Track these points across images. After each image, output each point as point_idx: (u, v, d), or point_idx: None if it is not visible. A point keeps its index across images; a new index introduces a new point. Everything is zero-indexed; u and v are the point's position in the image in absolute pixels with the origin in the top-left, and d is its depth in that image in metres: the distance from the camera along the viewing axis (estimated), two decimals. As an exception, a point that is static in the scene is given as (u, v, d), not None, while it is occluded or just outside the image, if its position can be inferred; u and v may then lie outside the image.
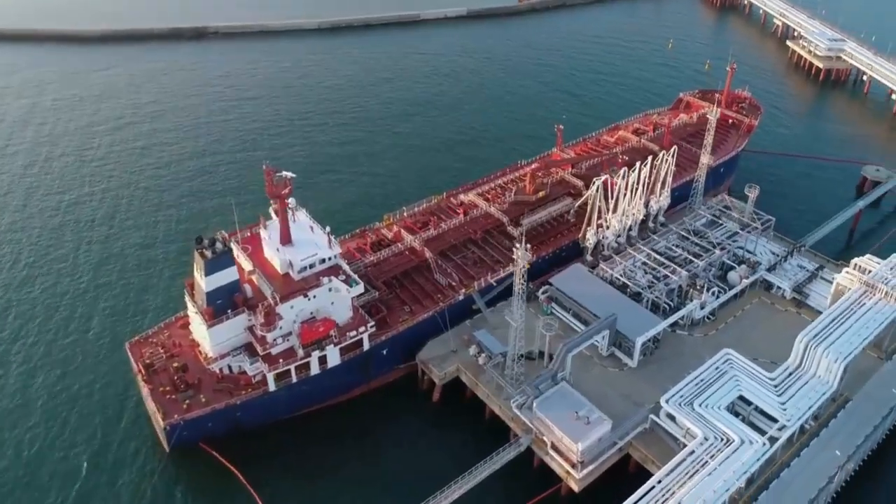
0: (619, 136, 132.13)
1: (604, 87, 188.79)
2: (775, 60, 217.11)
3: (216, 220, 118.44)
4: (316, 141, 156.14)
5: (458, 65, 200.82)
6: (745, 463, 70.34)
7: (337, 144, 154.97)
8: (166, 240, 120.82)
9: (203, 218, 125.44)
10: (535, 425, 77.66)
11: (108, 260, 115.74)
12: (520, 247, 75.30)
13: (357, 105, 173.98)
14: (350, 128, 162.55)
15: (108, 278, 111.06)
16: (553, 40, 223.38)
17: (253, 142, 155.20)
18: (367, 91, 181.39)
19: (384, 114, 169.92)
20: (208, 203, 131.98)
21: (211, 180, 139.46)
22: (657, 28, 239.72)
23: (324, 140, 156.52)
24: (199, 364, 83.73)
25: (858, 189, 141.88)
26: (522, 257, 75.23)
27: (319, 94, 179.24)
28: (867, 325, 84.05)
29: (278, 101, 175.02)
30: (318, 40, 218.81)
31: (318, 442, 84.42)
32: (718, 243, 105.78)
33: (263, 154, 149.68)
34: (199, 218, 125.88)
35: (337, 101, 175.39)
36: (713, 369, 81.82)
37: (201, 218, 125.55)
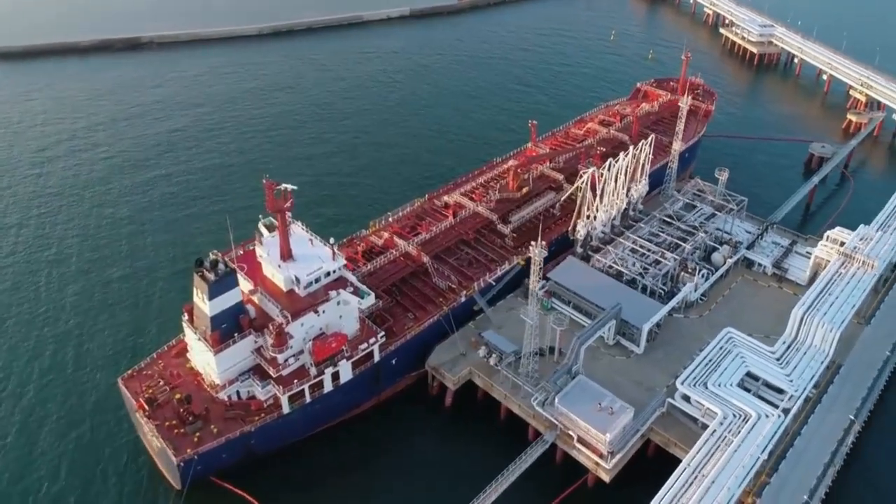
0: (588, 128, 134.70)
1: (558, 80, 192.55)
2: (710, 48, 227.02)
3: (201, 241, 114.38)
4: (278, 149, 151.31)
5: (413, 64, 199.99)
6: (766, 436, 73.29)
7: (301, 152, 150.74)
8: (148, 268, 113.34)
9: (184, 240, 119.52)
10: (559, 421, 78.08)
11: (87, 294, 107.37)
12: (535, 244, 75.38)
13: (315, 110, 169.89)
14: (311, 133, 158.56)
15: (89, 313, 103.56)
16: (500, 36, 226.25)
17: (213, 154, 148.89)
18: (321, 95, 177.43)
19: (345, 117, 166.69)
20: (185, 223, 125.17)
21: (176, 199, 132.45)
22: (594, 21, 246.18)
23: (286, 148, 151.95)
24: (203, 393, 79.45)
25: (806, 165, 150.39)
26: (539, 254, 75.35)
27: (271, 101, 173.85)
28: (852, 293, 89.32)
29: (227, 110, 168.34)
30: (262, 46, 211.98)
31: (335, 462, 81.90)
32: (700, 226, 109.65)
33: (228, 166, 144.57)
34: (179, 241, 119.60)
35: (293, 107, 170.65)
36: (718, 349, 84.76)
37: (181, 240, 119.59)
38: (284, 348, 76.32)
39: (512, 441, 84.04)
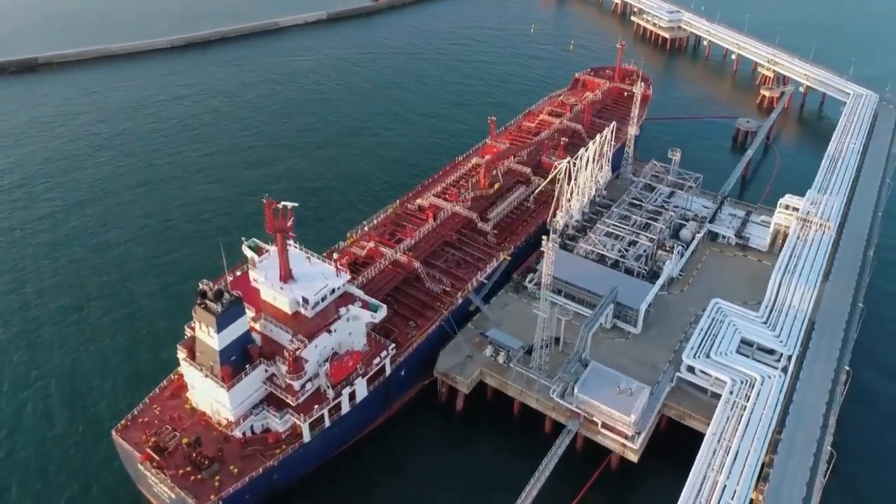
0: (541, 120, 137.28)
1: (493, 75, 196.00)
2: (622, 35, 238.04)
3: (173, 273, 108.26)
4: (219, 166, 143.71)
5: (345, 67, 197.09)
6: (774, 396, 78.09)
7: (248, 165, 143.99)
8: (114, 304, 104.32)
9: (156, 271, 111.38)
10: (581, 409, 79.38)
11: (60, 341, 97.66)
12: (547, 239, 76.02)
13: (254, 122, 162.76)
14: (256, 147, 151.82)
15: (65, 360, 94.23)
16: (425, 35, 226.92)
17: (145, 175, 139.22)
18: (256, 107, 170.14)
19: (285, 126, 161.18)
20: (155, 256, 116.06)
21: (120, 231, 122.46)
22: (509, 17, 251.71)
23: (229, 163, 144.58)
24: (212, 433, 74.24)
25: (734, 140, 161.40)
26: (552, 248, 76.05)
27: (199, 116, 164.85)
28: (818, 253, 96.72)
29: (145, 128, 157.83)
30: (176, 59, 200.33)
31: (358, 484, 79.03)
32: (664, 205, 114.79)
33: (174, 187, 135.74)
34: (148, 274, 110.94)
35: (227, 121, 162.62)
36: (711, 320, 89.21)
37: (151, 273, 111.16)
38: (301, 374, 72.59)
39: (530, 436, 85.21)
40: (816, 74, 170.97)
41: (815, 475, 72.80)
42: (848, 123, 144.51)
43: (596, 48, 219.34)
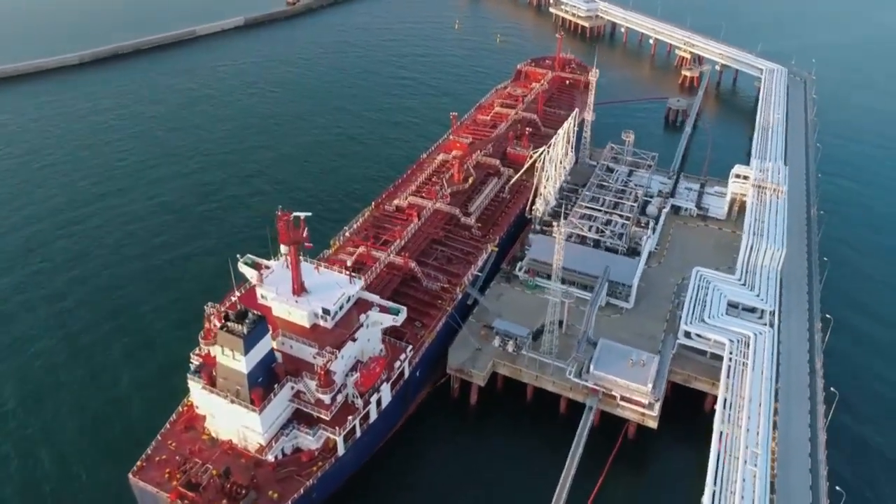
0: (496, 112, 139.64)
1: (430, 70, 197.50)
2: (541, 26, 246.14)
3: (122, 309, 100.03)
4: (171, 183, 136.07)
5: (277, 72, 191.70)
6: (769, 350, 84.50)
7: (197, 181, 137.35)
8: (105, 338, 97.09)
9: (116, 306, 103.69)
10: (599, 385, 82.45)
11: (56, 384, 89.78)
12: (557, 224, 78.15)
13: (190, 137, 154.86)
14: (200, 161, 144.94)
15: (66, 405, 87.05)
16: (352, 34, 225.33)
17: (73, 197, 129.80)
18: (190, 120, 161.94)
19: (226, 136, 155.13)
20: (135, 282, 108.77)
21: (84, 258, 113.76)
22: (427, 13, 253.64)
23: (179, 182, 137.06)
24: (239, 461, 70.90)
25: (666, 119, 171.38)
26: (563, 234, 78.30)
27: (130, 134, 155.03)
28: (777, 215, 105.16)
29: (68, 152, 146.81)
30: (89, 75, 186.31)
31: (392, 492, 78.23)
32: (626, 184, 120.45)
33: (120, 207, 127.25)
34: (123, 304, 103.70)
35: (163, 139, 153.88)
36: (697, 287, 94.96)
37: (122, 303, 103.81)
38: (333, 387, 70.79)
39: (547, 419, 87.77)
40: (729, 53, 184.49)
41: (815, 418, 79.66)
42: (768, 96, 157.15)
43: (521, 40, 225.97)
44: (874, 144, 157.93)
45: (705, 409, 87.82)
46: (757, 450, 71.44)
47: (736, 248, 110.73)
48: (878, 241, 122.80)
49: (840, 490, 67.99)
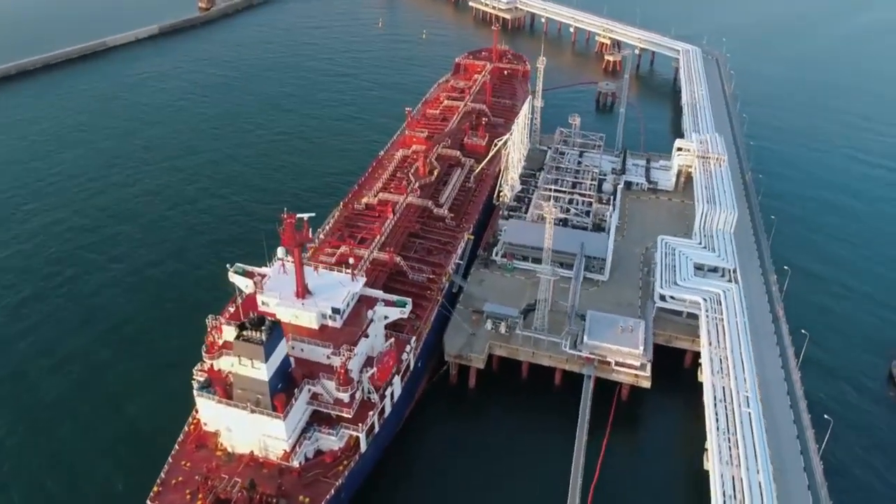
0: (444, 105, 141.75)
1: (364, 67, 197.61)
2: (461, 20, 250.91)
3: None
4: (115, 195, 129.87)
5: (203, 78, 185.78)
6: (740, 303, 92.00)
7: (142, 192, 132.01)
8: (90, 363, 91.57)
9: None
10: (595, 354, 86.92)
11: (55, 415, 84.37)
12: (546, 204, 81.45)
13: (125, 149, 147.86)
14: (143, 172, 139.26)
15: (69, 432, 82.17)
16: (277, 37, 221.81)
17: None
18: (119, 138, 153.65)
19: (169, 147, 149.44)
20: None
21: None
22: (345, 13, 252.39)
23: (124, 194, 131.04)
24: (262, 472, 69.70)
25: (596, 102, 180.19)
26: (551, 213, 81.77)
27: (58, 151, 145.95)
28: (724, 182, 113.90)
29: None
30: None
31: (412, 485, 79.16)
32: (580, 164, 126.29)
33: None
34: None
35: (101, 149, 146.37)
36: (664, 254, 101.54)
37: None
38: (352, 385, 70.80)
39: (544, 392, 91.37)
40: (647, 37, 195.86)
41: (786, 359, 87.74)
42: (688, 74, 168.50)
43: (446, 35, 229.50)
44: (789, 110, 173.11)
45: (686, 364, 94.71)
46: (747, 393, 78.10)
47: (686, 215, 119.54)
48: (811, 195, 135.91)
49: (828, 418, 75.55)
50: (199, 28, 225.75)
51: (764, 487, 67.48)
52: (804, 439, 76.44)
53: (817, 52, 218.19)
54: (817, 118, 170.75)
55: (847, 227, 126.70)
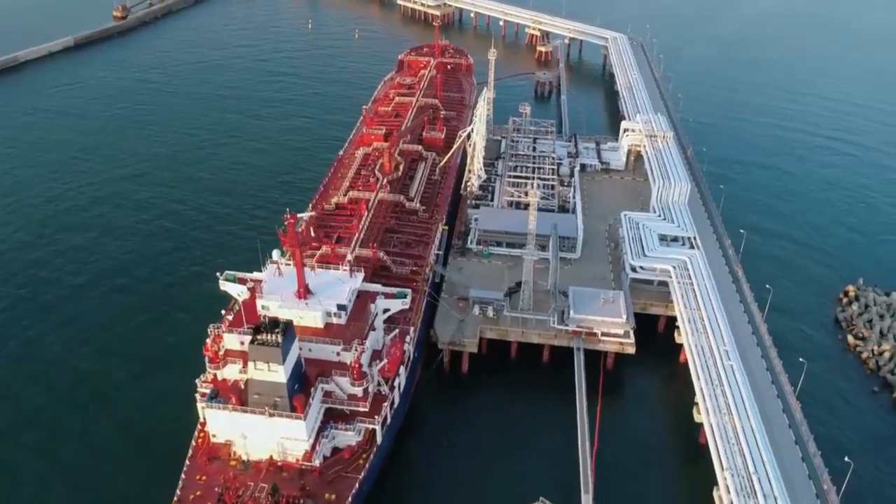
0: (396, 102, 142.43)
1: (303, 68, 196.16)
2: (389, 18, 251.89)
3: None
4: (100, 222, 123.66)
5: (137, 88, 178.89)
6: (705, 267, 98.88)
7: (103, 205, 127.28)
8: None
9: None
10: (582, 327, 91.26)
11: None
12: (532, 189, 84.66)
13: (69, 165, 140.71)
14: (85, 186, 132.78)
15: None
16: (206, 41, 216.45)
17: None
18: (53, 149, 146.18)
19: (116, 162, 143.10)
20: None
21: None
22: (269, 16, 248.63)
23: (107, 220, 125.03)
24: (281, 475, 69.23)
25: (535, 91, 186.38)
26: (535, 194, 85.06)
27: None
28: (672, 156, 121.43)
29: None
30: None
31: (418, 473, 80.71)
32: (535, 150, 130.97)
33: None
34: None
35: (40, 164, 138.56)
36: (629, 229, 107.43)
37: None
38: (366, 380, 71.44)
39: (534, 369, 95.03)
40: (575, 27, 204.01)
41: (751, 315, 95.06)
42: (619, 60, 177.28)
43: (377, 34, 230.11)
44: (714, 86, 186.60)
45: (660, 329, 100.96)
46: (726, 347, 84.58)
47: (639, 192, 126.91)
48: (747, 161, 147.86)
49: (802, 360, 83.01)
50: (117, 37, 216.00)
51: (756, 430, 73.66)
52: (779, 384, 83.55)
53: (729, 33, 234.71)
54: (739, 93, 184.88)
55: (782, 186, 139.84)
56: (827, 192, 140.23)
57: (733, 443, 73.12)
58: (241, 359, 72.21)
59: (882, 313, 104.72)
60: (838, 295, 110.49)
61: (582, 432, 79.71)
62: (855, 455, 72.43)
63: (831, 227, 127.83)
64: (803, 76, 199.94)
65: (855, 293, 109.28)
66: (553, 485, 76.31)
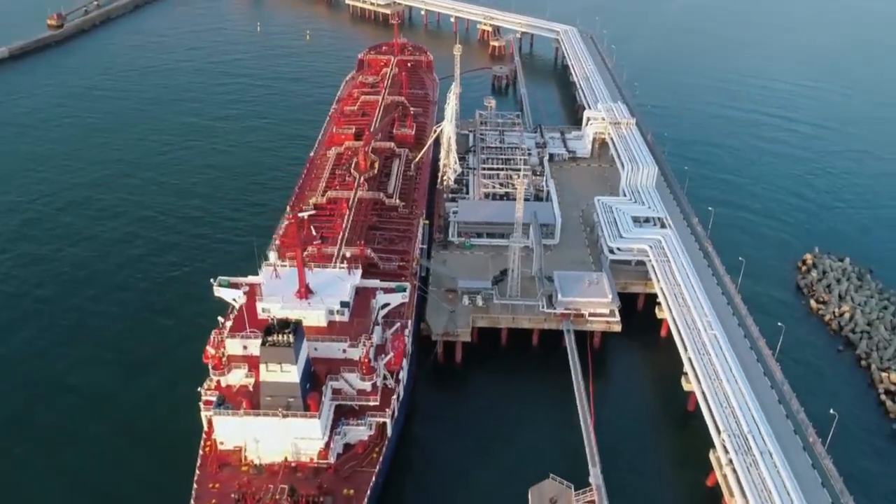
0: (362, 101, 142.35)
1: (258, 71, 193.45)
2: (337, 19, 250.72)
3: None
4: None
5: (85, 96, 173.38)
6: (679, 245, 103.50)
7: (66, 213, 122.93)
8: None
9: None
10: (570, 309, 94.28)
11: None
12: (519, 176, 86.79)
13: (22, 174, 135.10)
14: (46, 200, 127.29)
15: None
16: (152, 48, 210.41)
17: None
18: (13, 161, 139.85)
19: (78, 170, 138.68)
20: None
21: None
22: (214, 19, 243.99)
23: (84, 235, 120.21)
24: (296, 476, 69.17)
25: (493, 85, 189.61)
26: (522, 183, 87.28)
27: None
28: (637, 142, 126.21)
29: None
30: None
31: (433, 462, 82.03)
32: (504, 142, 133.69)
33: None
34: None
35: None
36: (604, 213, 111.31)
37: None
38: (375, 375, 72.08)
39: (525, 353, 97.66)
40: (527, 21, 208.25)
41: (724, 286, 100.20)
42: (573, 52, 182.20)
43: (327, 35, 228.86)
44: (666, 73, 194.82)
45: (640, 306, 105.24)
46: (707, 318, 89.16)
47: (606, 178, 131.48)
48: (705, 140, 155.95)
49: (780, 325, 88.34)
50: (55, 47, 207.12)
51: (745, 392, 78.19)
52: (758, 348, 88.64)
53: (672, 23, 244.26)
54: (689, 76, 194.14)
55: (736, 164, 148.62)
56: (777, 167, 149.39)
57: (725, 406, 77.39)
58: (245, 363, 71.85)
59: (839, 278, 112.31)
60: (797, 263, 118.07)
61: (582, 409, 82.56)
62: (831, 408, 77.96)
63: (786, 199, 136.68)
64: (742, 59, 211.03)
65: (812, 261, 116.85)
66: (558, 462, 78.80)
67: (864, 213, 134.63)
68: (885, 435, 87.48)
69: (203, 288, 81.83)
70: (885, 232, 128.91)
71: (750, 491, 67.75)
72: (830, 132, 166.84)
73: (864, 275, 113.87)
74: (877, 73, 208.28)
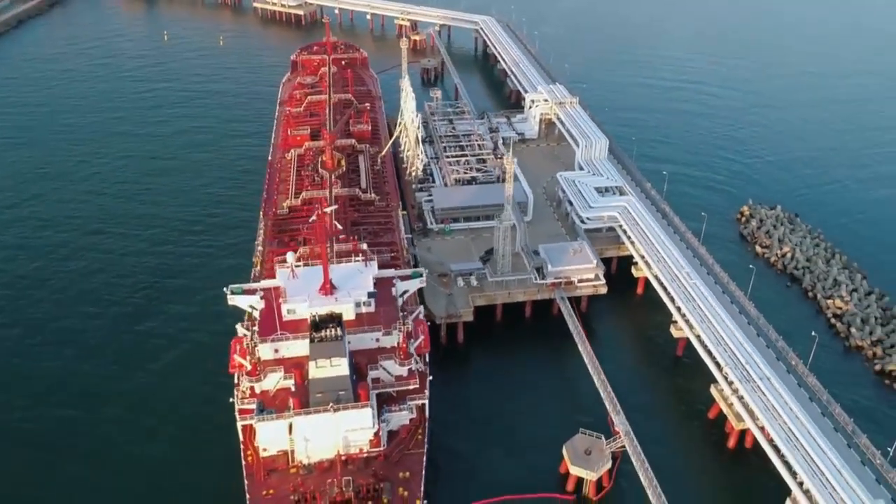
0: (309, 101, 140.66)
1: (179, 80, 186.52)
2: (244, 22, 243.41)
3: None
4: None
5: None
6: (647, 208, 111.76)
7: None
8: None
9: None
10: (560, 277, 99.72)
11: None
12: (507, 160, 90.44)
13: None
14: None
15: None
16: (40, 67, 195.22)
17: None
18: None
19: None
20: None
21: None
22: (113, 29, 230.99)
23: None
24: (349, 468, 69.53)
25: (422, 78, 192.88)
26: (510, 162, 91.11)
27: None
28: (585, 119, 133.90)
29: None
30: None
31: (461, 445, 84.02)
32: (457, 129, 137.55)
33: None
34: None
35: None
36: (569, 186, 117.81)
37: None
38: (411, 359, 73.55)
39: (520, 325, 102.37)
40: (444, 14, 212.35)
41: (687, 239, 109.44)
42: (497, 41, 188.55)
43: (241, 38, 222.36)
44: (591, 54, 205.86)
45: (613, 269, 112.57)
46: (686, 269, 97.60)
47: (556, 155, 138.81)
48: (640, 111, 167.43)
49: (752, 267, 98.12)
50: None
51: (734, 329, 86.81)
52: (729, 291, 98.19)
53: (578, 7, 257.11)
54: (614, 55, 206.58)
55: (668, 129, 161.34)
56: (703, 131, 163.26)
57: (721, 344, 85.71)
58: (280, 366, 71.19)
59: (775, 224, 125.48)
60: (736, 215, 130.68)
61: (593, 365, 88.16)
62: (794, 335, 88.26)
63: (715, 158, 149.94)
64: (647, 37, 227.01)
65: (749, 212, 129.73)
66: (578, 418, 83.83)
67: (779, 161, 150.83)
68: (838, 352, 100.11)
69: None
70: (800, 177, 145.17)
71: (762, 412, 76.01)
72: (732, 92, 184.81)
73: (794, 219, 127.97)
74: (760, 39, 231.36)
